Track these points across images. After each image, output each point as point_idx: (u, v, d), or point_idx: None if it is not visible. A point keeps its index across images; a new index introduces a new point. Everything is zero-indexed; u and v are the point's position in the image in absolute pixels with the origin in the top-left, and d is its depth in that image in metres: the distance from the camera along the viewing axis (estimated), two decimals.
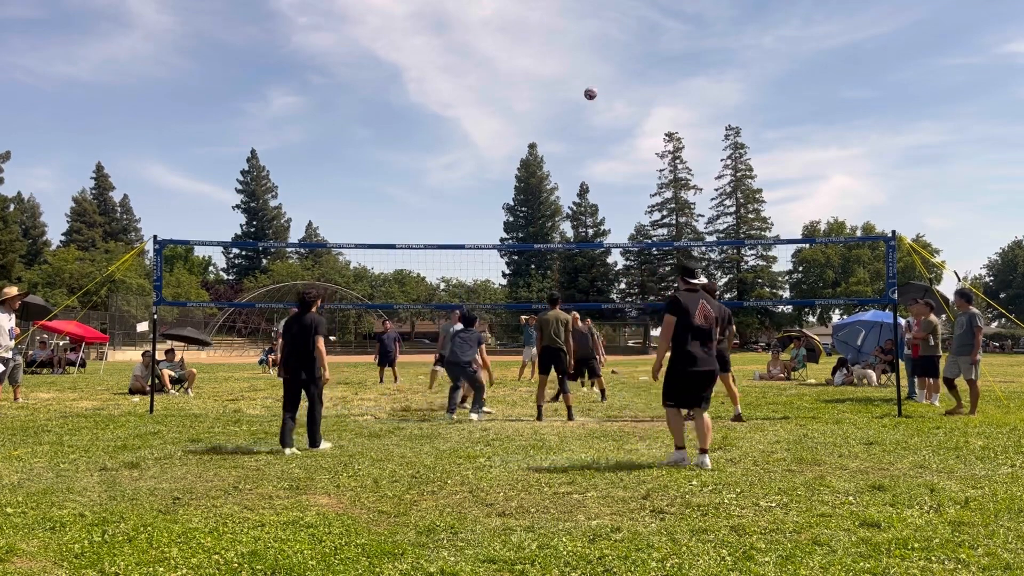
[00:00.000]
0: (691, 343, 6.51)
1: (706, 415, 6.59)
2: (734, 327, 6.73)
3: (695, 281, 6.80)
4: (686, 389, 6.56)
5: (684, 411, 6.81)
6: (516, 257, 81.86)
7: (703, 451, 6.49)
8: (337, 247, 44.60)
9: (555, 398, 12.74)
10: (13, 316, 11.18)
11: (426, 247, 12.45)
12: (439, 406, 12.04)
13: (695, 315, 6.54)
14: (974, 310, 10.80)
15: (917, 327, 12.86)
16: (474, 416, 10.44)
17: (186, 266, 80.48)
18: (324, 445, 7.71)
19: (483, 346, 11.00)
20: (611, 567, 3.76)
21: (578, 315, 14.21)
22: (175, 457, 7.11)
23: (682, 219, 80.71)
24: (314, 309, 7.96)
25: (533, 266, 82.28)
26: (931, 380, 12.56)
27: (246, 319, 71.47)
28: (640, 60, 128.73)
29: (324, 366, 7.92)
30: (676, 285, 7.51)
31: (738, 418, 10.04)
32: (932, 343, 12.25)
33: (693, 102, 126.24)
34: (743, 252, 79.25)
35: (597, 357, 14.12)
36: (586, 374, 14.06)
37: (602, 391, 13.75)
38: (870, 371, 17.46)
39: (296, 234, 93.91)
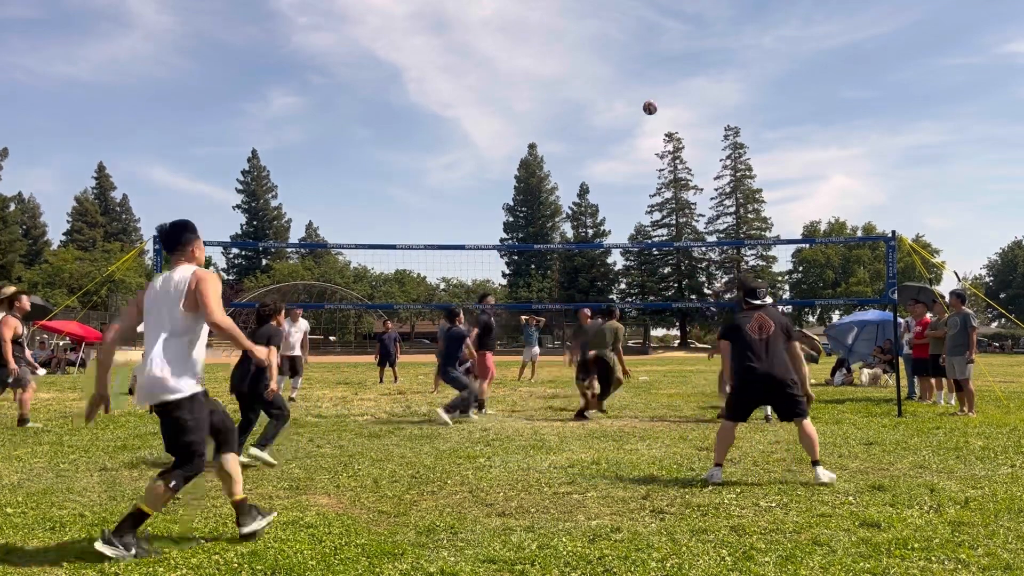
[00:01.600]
0: (747, 356, 6.11)
1: (807, 423, 6.01)
2: (795, 343, 6.14)
3: (757, 302, 6.37)
4: (749, 399, 6.18)
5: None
6: (516, 257, 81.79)
7: (815, 463, 5.91)
8: (337, 247, 44.43)
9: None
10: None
11: (426, 247, 12.45)
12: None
13: (749, 329, 6.18)
14: (967, 310, 10.82)
15: (919, 327, 12.89)
16: (441, 412, 9.88)
17: None
18: (265, 455, 6.74)
19: (468, 341, 10.87)
20: (611, 567, 3.76)
21: (588, 312, 13.54)
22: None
23: (682, 219, 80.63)
24: (274, 323, 7.35)
25: (533, 266, 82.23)
26: (933, 380, 12.60)
27: (246, 319, 71.38)
28: (640, 60, 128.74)
29: (272, 376, 6.89)
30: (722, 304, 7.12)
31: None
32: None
33: (693, 102, 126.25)
34: (743, 252, 79.23)
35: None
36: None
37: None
38: (866, 370, 17.50)
39: (296, 234, 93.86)
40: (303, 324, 13.55)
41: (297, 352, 13.33)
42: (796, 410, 6.02)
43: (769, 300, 6.55)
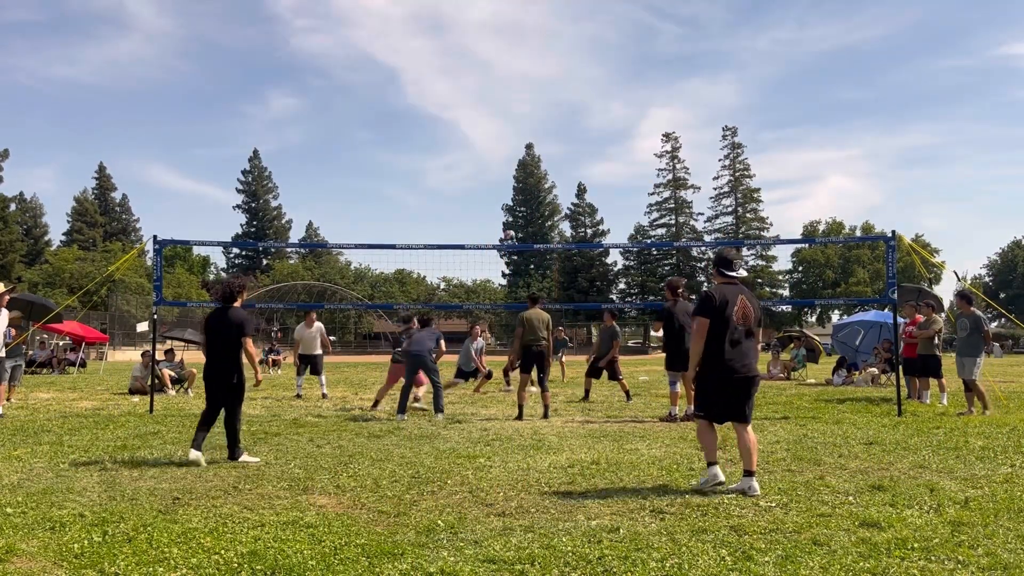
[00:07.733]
0: (727, 344, 5.53)
1: (750, 430, 5.61)
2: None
3: (732, 274, 5.80)
4: (721, 399, 5.59)
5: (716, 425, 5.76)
6: (516, 257, 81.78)
7: (749, 473, 5.45)
8: (337, 247, 44.44)
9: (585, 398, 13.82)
10: (6, 314, 11.16)
11: (426, 247, 12.45)
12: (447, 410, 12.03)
13: (734, 312, 5.58)
14: (978, 312, 10.84)
15: (911, 326, 12.98)
16: (439, 417, 10.57)
17: (186, 266, 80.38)
18: (246, 458, 6.88)
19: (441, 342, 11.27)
20: (611, 567, 3.76)
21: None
22: (175, 457, 7.10)
23: (681, 219, 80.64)
24: (239, 303, 7.13)
25: (532, 266, 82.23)
26: (919, 380, 12.65)
27: (256, 320, 71.33)
28: (636, 62, 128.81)
29: (256, 369, 7.17)
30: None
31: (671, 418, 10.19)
32: (936, 342, 12.40)
33: (689, 104, 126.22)
34: (742, 252, 79.18)
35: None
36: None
37: (626, 392, 13.96)
38: (873, 370, 17.46)
39: (296, 234, 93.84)
40: (318, 326, 15.25)
41: (317, 351, 14.91)
42: (745, 414, 5.60)
43: (744, 272, 5.91)
